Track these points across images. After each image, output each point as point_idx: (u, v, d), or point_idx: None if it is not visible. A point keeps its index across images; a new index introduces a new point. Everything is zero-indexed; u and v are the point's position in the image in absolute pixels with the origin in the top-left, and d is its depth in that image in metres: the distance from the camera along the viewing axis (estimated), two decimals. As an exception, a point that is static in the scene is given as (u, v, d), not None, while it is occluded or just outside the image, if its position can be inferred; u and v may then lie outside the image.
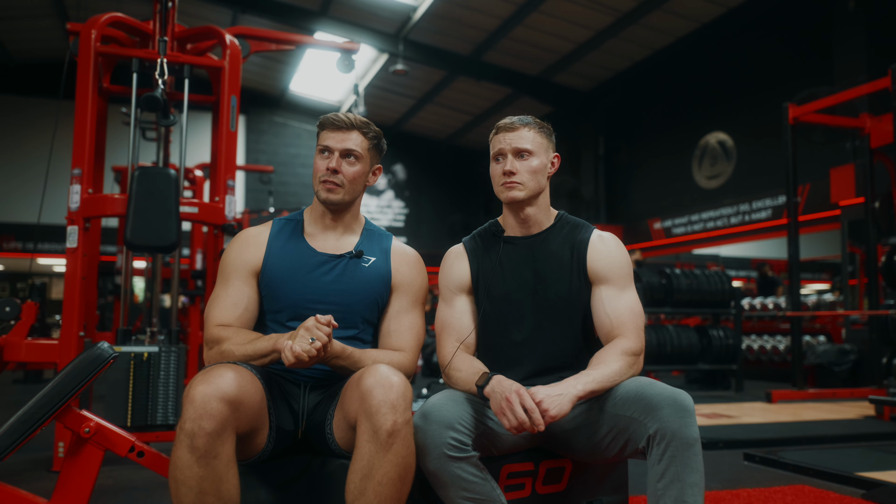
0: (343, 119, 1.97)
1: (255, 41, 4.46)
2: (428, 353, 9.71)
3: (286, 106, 18.79)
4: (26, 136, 15.74)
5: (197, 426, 1.51)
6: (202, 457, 1.51)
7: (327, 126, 1.98)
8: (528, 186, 1.95)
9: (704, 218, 12.85)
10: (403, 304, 1.99)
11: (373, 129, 2.00)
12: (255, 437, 1.72)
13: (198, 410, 1.52)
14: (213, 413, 1.52)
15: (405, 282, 2.00)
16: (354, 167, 1.96)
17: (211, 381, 1.56)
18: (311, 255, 1.96)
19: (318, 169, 1.96)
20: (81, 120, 3.63)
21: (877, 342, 6.85)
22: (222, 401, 1.54)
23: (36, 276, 19.58)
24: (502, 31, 13.53)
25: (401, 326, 1.96)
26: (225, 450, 1.54)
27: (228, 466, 1.55)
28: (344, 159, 1.95)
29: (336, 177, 1.94)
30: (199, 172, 7.72)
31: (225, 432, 1.54)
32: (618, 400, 1.74)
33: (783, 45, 11.75)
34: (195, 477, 1.51)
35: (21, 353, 3.51)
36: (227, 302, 1.91)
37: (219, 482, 1.53)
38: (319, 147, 1.98)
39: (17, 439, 1.82)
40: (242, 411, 1.60)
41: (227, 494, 1.55)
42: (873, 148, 7.08)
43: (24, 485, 2.17)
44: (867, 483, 3.26)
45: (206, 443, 1.51)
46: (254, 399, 1.66)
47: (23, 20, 14.53)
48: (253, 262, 1.95)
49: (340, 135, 1.96)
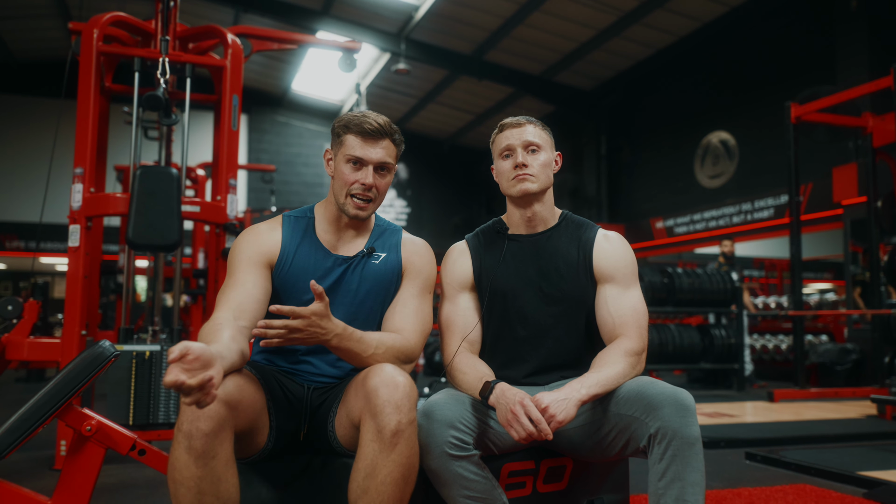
0: (374, 125, 1.83)
1: (257, 40, 4.46)
2: (430, 352, 9.71)
3: (288, 105, 18.81)
4: (28, 135, 15.76)
5: (194, 427, 1.50)
6: (200, 457, 1.50)
7: (355, 131, 1.84)
8: (540, 179, 1.95)
9: (706, 217, 12.85)
10: (411, 289, 1.94)
11: (398, 131, 1.90)
12: (255, 437, 1.71)
13: (195, 411, 1.50)
14: (210, 413, 1.51)
15: (415, 269, 1.95)
16: (386, 178, 1.88)
17: None
18: (324, 258, 1.90)
19: (348, 181, 1.83)
20: (83, 119, 3.64)
21: (879, 341, 6.84)
22: (220, 401, 1.52)
23: (38, 274, 19.60)
24: (504, 31, 13.52)
25: (406, 309, 1.90)
26: (223, 450, 1.54)
27: (227, 466, 1.55)
28: (377, 172, 1.85)
29: (370, 192, 1.84)
30: (202, 171, 7.72)
31: (223, 433, 1.53)
32: (619, 399, 1.74)
33: (785, 43, 11.73)
34: (193, 477, 1.51)
35: (23, 352, 3.52)
36: (235, 296, 1.77)
37: (217, 482, 1.53)
38: (348, 156, 1.84)
39: (19, 437, 1.82)
40: (241, 411, 1.59)
41: (226, 494, 1.55)
42: (876, 147, 7.07)
43: (26, 483, 2.18)
44: (869, 482, 3.25)
45: (203, 443, 1.50)
46: (252, 399, 1.65)
47: (25, 20, 14.55)
48: (268, 254, 1.87)
49: (373, 144, 1.83)
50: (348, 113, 1.92)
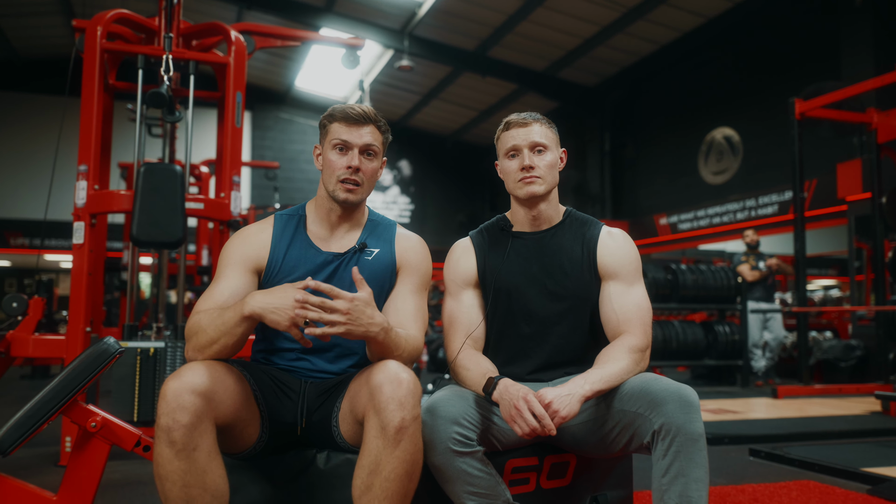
0: (358, 111, 1.87)
1: (261, 37, 4.46)
2: (433, 349, 9.71)
3: (291, 102, 18.81)
4: (33, 132, 15.78)
5: (172, 420, 1.52)
6: (181, 450, 1.52)
7: (339, 119, 1.88)
8: (547, 180, 1.95)
9: (710, 213, 12.83)
10: (409, 285, 1.93)
11: (383, 120, 1.94)
12: (245, 429, 1.71)
13: (171, 405, 1.52)
14: (186, 405, 1.53)
15: (411, 265, 1.95)
16: (373, 163, 1.90)
17: (181, 376, 1.57)
18: (315, 256, 1.90)
19: (336, 167, 1.87)
20: (87, 116, 3.64)
21: (883, 338, 6.83)
22: (194, 393, 1.54)
23: (43, 272, 19.63)
24: (508, 27, 13.50)
25: (407, 306, 1.90)
26: (204, 441, 1.55)
27: (210, 457, 1.56)
28: (362, 155, 1.87)
29: (357, 175, 1.86)
30: (205, 168, 7.74)
31: (202, 424, 1.55)
32: (623, 395, 1.74)
33: (790, 39, 11.70)
34: (177, 471, 1.53)
35: (28, 349, 3.53)
36: (218, 292, 1.80)
37: (202, 474, 1.54)
38: (334, 142, 1.87)
39: (25, 433, 1.83)
40: (219, 402, 1.60)
41: (213, 485, 1.56)
42: (880, 143, 7.05)
43: (32, 479, 2.18)
44: (873, 478, 3.25)
45: (182, 435, 1.52)
46: (232, 390, 1.65)
47: (29, 17, 14.56)
48: (255, 258, 1.88)
49: (357, 129, 1.87)
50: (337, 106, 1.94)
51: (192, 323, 1.72)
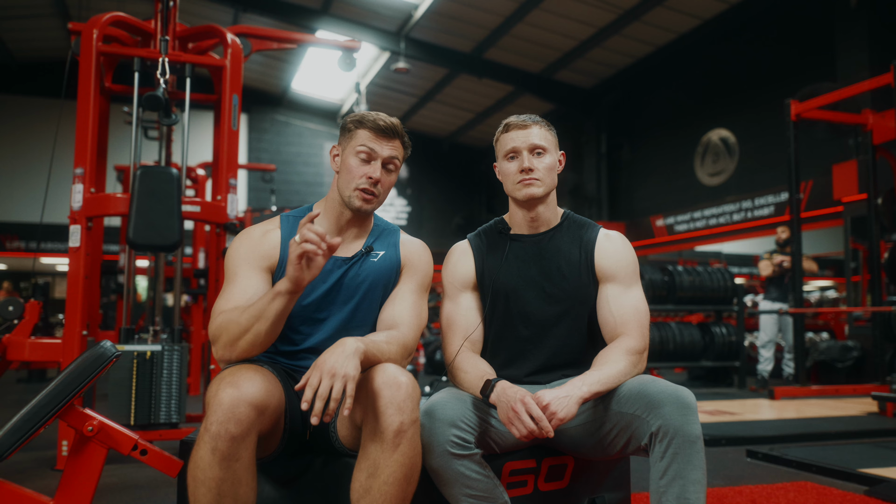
0: (388, 122, 1.86)
1: (257, 40, 4.46)
2: (431, 351, 9.70)
3: (288, 104, 18.81)
4: (29, 135, 15.77)
5: (223, 429, 1.49)
6: (224, 459, 1.50)
7: (369, 126, 1.85)
8: (546, 183, 1.95)
9: (707, 215, 12.85)
10: (409, 284, 1.94)
11: (407, 136, 1.92)
12: (271, 440, 1.70)
13: (226, 413, 1.50)
14: (241, 418, 1.50)
15: (413, 266, 1.96)
16: (391, 177, 1.89)
17: (240, 385, 1.53)
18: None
19: (357, 174, 1.84)
20: (83, 119, 3.64)
21: (879, 339, 6.85)
22: (250, 405, 1.52)
23: (39, 275, 19.61)
24: (504, 29, 13.52)
25: (404, 303, 1.90)
26: (247, 453, 1.53)
27: (248, 469, 1.54)
28: (384, 168, 1.86)
29: (376, 187, 1.85)
30: (202, 171, 7.73)
31: (249, 436, 1.53)
32: (620, 397, 1.74)
33: (785, 41, 11.73)
34: (215, 478, 1.50)
35: (24, 352, 3.52)
36: (239, 291, 1.77)
37: (237, 485, 1.52)
38: (359, 149, 1.84)
39: (21, 438, 1.82)
40: (267, 416, 1.58)
41: (245, 497, 1.54)
42: (876, 144, 7.07)
43: (28, 483, 2.18)
44: (870, 479, 3.26)
45: (229, 446, 1.50)
46: (276, 403, 1.64)
47: (24, 20, 14.54)
48: (268, 257, 1.85)
49: (385, 141, 1.85)
50: (362, 111, 1.92)
51: (218, 323, 1.69)
